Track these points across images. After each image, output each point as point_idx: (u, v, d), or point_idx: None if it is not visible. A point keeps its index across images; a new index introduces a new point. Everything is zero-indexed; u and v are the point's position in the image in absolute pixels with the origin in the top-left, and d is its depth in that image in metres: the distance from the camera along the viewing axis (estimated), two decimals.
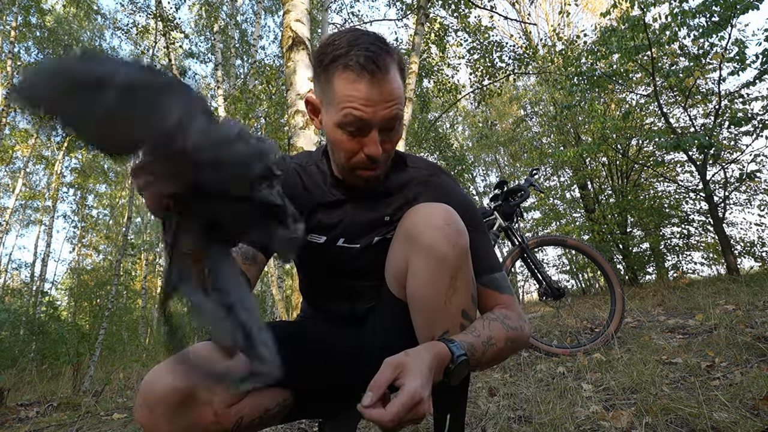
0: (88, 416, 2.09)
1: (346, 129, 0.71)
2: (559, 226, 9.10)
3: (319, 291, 0.93)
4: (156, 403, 0.63)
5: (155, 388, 0.64)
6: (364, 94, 0.68)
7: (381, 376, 0.56)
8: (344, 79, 0.69)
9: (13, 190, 12.57)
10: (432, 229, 0.70)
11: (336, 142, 0.74)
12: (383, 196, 0.85)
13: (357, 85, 0.68)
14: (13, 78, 8.01)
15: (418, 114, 9.90)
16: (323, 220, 0.85)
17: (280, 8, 4.57)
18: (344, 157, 0.75)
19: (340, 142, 0.73)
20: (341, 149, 0.74)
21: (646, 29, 4.67)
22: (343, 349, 0.90)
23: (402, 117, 0.75)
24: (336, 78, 0.70)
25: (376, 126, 0.71)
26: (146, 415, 0.64)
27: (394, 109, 0.71)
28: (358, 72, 0.68)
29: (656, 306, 3.44)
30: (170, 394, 0.63)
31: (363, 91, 0.68)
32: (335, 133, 0.73)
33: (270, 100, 6.17)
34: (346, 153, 0.74)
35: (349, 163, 0.75)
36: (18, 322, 9.71)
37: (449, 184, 0.88)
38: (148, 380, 0.65)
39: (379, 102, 0.69)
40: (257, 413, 0.74)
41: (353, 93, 0.69)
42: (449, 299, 0.70)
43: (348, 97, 0.69)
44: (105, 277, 14.43)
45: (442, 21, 7.11)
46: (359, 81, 0.68)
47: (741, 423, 0.97)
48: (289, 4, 2.64)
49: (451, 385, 0.65)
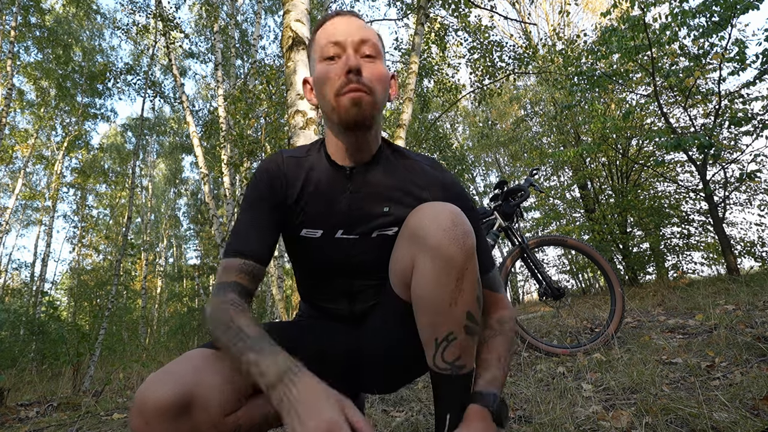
0: (88, 416, 2.09)
1: (326, 56, 0.78)
2: (559, 226, 9.10)
3: (318, 290, 0.92)
4: (152, 413, 0.61)
5: (150, 397, 0.62)
6: (335, 22, 0.81)
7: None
8: (321, 29, 0.82)
9: (13, 190, 12.58)
10: (439, 230, 0.69)
11: (321, 78, 0.78)
12: (380, 184, 0.84)
13: (329, 21, 0.82)
14: (13, 77, 8.01)
15: (419, 114, 9.90)
16: (320, 212, 0.84)
17: (280, 8, 4.56)
18: (329, 86, 0.77)
19: (324, 74, 0.78)
20: (326, 79, 0.77)
21: (646, 29, 4.67)
22: (342, 350, 0.89)
23: (380, 51, 0.82)
24: (317, 34, 0.83)
25: (350, 44, 0.78)
26: (142, 426, 0.62)
27: (364, 33, 0.79)
28: (330, 18, 0.82)
29: (656, 306, 3.44)
30: (166, 403, 0.62)
31: (334, 21, 0.81)
32: (319, 71, 0.79)
33: (270, 100, 6.17)
34: (329, 81, 0.77)
35: (334, 89, 0.76)
36: (18, 322, 9.72)
37: (449, 178, 0.88)
38: (143, 389, 0.63)
39: (350, 27, 0.79)
40: (256, 420, 0.72)
41: (327, 27, 0.81)
42: (455, 301, 0.70)
43: (324, 32, 0.81)
44: (105, 277, 14.45)
45: (443, 21, 7.11)
46: (330, 21, 0.82)
47: (741, 423, 0.97)
48: (289, 3, 2.64)
49: (504, 423, 0.73)
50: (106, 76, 10.15)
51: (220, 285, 0.77)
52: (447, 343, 0.72)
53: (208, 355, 0.73)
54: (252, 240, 0.81)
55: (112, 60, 12.54)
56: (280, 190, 0.84)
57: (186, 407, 0.64)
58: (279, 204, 0.84)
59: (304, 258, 0.89)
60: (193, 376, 0.66)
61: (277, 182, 0.84)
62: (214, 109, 8.29)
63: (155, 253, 18.27)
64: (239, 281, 0.77)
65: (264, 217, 0.83)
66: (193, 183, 18.47)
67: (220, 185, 10.13)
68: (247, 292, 0.78)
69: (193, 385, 0.65)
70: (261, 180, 0.85)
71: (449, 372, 0.72)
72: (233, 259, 0.79)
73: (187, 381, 0.65)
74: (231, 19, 8.69)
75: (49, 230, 13.80)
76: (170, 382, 0.64)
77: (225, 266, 0.79)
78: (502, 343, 0.81)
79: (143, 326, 13.50)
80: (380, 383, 0.92)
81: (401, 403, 1.65)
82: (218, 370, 0.70)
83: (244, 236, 0.81)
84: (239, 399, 0.71)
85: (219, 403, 0.67)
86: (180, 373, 0.66)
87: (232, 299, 0.74)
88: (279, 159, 0.87)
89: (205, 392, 0.66)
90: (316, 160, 0.87)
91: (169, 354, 9.25)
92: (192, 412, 0.65)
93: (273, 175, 0.85)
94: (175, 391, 0.63)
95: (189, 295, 16.47)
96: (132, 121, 15.48)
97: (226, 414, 0.68)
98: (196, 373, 0.67)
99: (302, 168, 0.86)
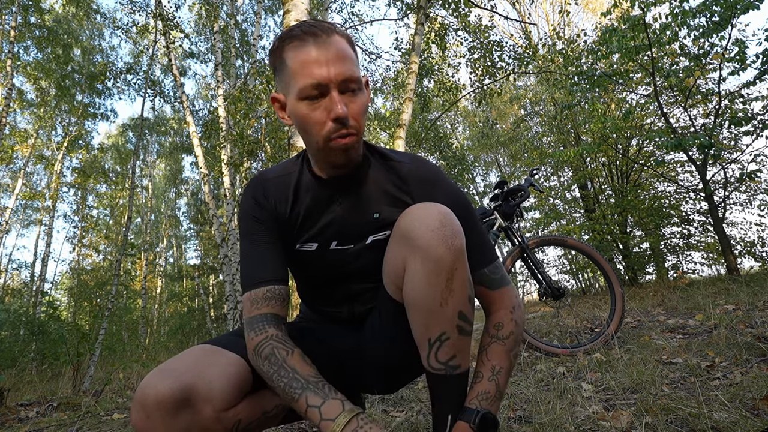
0: (88, 416, 2.09)
1: (307, 98, 0.71)
2: (559, 226, 9.10)
3: (318, 295, 0.93)
4: (152, 407, 0.63)
5: (151, 391, 0.63)
6: (313, 56, 0.70)
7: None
8: (292, 49, 0.72)
9: (13, 190, 12.58)
10: (428, 231, 0.69)
11: (303, 119, 0.73)
12: (367, 192, 0.83)
13: (304, 49, 0.71)
14: (13, 77, 8.01)
15: (419, 114, 9.90)
16: (312, 227, 0.84)
17: (280, 8, 4.56)
18: (314, 130, 0.73)
19: (307, 116, 0.72)
20: (309, 123, 0.72)
21: (646, 29, 4.67)
22: (342, 350, 0.90)
23: (361, 81, 0.75)
24: (286, 54, 0.73)
25: (334, 86, 0.71)
26: (143, 420, 0.63)
27: (347, 67, 0.72)
28: (302, 38, 0.72)
29: (656, 306, 3.44)
30: (167, 397, 0.63)
31: (311, 53, 0.71)
32: (300, 110, 0.73)
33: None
34: (315, 126, 0.72)
35: (322, 135, 0.72)
36: (18, 322, 9.73)
37: (437, 175, 0.86)
38: (144, 384, 0.64)
39: (329, 61, 0.70)
40: (255, 415, 0.73)
41: (302, 57, 0.71)
42: (445, 301, 0.70)
43: (299, 63, 0.71)
44: (105, 277, 14.44)
45: (443, 20, 7.11)
46: (305, 44, 0.71)
47: (741, 423, 0.97)
48: (289, 4, 2.64)
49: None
50: (105, 75, 10.15)
51: (252, 320, 0.75)
52: (440, 343, 0.72)
53: (209, 351, 0.74)
54: (266, 263, 0.80)
55: (111, 60, 12.55)
56: (270, 211, 0.83)
57: (186, 401, 0.65)
58: (273, 223, 0.83)
59: (302, 270, 0.90)
60: (193, 371, 0.68)
61: (266, 204, 0.83)
62: (214, 109, 8.29)
63: (155, 253, 18.25)
64: (271, 312, 0.76)
65: (266, 238, 0.82)
66: (193, 183, 18.46)
67: (220, 185, 10.14)
68: (281, 320, 0.77)
69: (194, 379, 0.66)
70: (249, 206, 0.83)
71: (444, 372, 0.73)
72: (256, 290, 0.77)
73: (187, 376, 0.66)
74: (231, 19, 8.69)
75: (49, 230, 13.80)
76: (171, 376, 0.65)
77: (251, 299, 0.77)
78: (497, 352, 0.79)
79: (143, 326, 13.50)
80: (381, 383, 0.92)
81: (401, 403, 1.65)
82: (219, 365, 0.71)
83: (258, 263, 0.80)
84: (239, 394, 0.72)
85: (219, 397, 0.68)
86: (181, 368, 0.67)
87: (274, 335, 0.74)
88: (261, 182, 0.85)
89: (205, 387, 0.67)
90: (301, 176, 0.85)
91: (169, 354, 9.25)
92: (192, 406, 0.65)
93: (259, 199, 0.83)
94: (176, 386, 0.64)
95: (189, 295, 16.48)
96: (132, 121, 15.48)
97: (227, 408, 0.69)
98: (197, 368, 0.68)
99: (288, 186, 0.84)
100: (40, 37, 10.19)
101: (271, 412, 0.76)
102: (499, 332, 0.81)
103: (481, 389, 0.76)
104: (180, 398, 0.64)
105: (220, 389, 0.68)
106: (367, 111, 0.77)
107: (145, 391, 0.63)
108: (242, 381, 0.73)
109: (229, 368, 0.71)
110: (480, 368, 0.79)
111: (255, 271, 0.78)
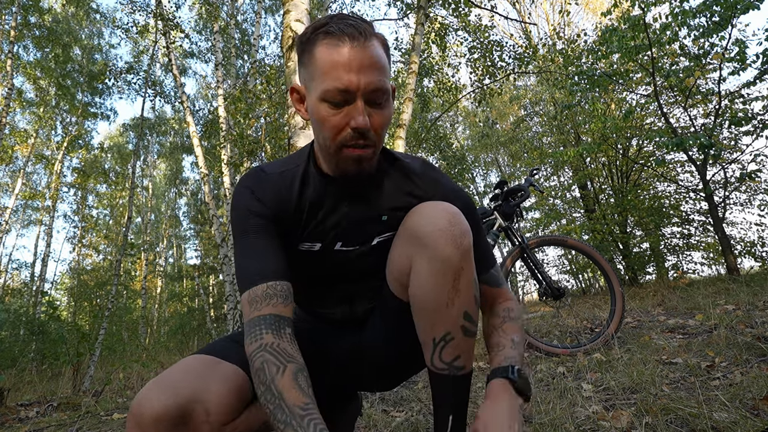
0: (88, 416, 2.09)
1: (330, 100, 0.67)
2: (559, 226, 9.10)
3: (314, 296, 0.89)
4: (148, 424, 0.60)
5: (147, 408, 0.60)
6: (345, 59, 0.66)
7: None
8: (325, 45, 0.67)
9: (13, 190, 12.58)
10: (436, 230, 0.69)
11: (321, 119, 0.69)
12: (376, 193, 0.81)
13: (338, 49, 0.66)
14: (13, 77, 8.01)
15: (419, 114, 9.89)
16: (317, 227, 0.80)
17: (280, 8, 4.57)
18: (330, 134, 0.69)
19: (325, 118, 0.68)
20: (327, 126, 0.68)
21: (646, 29, 4.67)
22: (341, 351, 0.89)
23: (389, 93, 0.71)
24: (317, 48, 0.68)
25: (361, 95, 0.67)
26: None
27: (378, 78, 0.67)
28: (339, 36, 0.66)
29: (656, 306, 3.43)
30: (163, 414, 0.60)
31: (344, 55, 0.66)
32: (319, 110, 0.68)
33: (270, 100, 6.16)
34: (331, 130, 0.68)
35: (336, 141, 0.69)
36: (18, 322, 9.73)
37: (444, 177, 0.85)
38: (140, 400, 0.61)
39: (362, 68, 0.66)
40: (255, 426, 0.71)
41: (334, 57, 0.66)
42: (451, 301, 0.69)
43: (329, 63, 0.66)
44: (105, 277, 14.44)
45: (443, 20, 7.11)
46: (340, 45, 0.66)
47: (741, 423, 0.97)
48: (289, 3, 2.64)
49: (528, 394, 0.72)
50: (105, 75, 10.15)
51: (250, 323, 0.68)
52: (444, 343, 0.71)
53: (207, 362, 0.70)
54: (265, 259, 0.73)
55: (111, 60, 12.55)
56: (270, 206, 0.76)
57: (184, 417, 0.62)
58: (273, 219, 0.76)
59: (303, 270, 0.84)
60: (191, 385, 0.64)
61: (265, 199, 0.76)
62: (214, 109, 8.29)
63: (155, 253, 18.23)
64: (272, 312, 0.69)
65: (265, 234, 0.75)
66: (193, 183, 18.46)
67: (220, 185, 10.13)
68: (284, 321, 0.69)
69: (191, 394, 0.63)
70: (246, 200, 0.76)
71: (447, 372, 0.72)
72: (255, 287, 0.70)
73: (186, 391, 0.63)
74: (231, 19, 8.69)
75: (49, 230, 13.80)
76: (167, 391, 0.62)
77: (249, 299, 0.70)
78: (513, 327, 0.81)
79: (143, 326, 13.48)
80: (379, 382, 0.92)
81: (401, 403, 1.65)
82: (218, 378, 0.68)
83: (256, 259, 0.72)
84: (239, 407, 0.69)
85: (218, 411, 0.65)
86: (177, 383, 0.64)
87: (269, 345, 0.66)
88: (260, 176, 0.79)
89: (203, 402, 0.64)
90: (307, 172, 0.80)
91: (169, 354, 9.25)
92: (190, 423, 0.63)
93: (258, 193, 0.77)
94: (173, 402, 0.61)
95: (189, 295, 16.47)
96: (132, 121, 15.49)
97: (225, 423, 0.66)
98: (195, 382, 0.65)
99: (291, 182, 0.79)
100: (39, 37, 10.19)
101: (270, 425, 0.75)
102: (510, 314, 0.83)
103: (507, 354, 0.76)
104: (177, 415, 0.61)
105: (219, 404, 0.65)
106: (389, 124, 0.73)
107: (141, 407, 0.60)
108: (242, 394, 0.69)
109: (227, 382, 0.68)
110: (499, 340, 0.80)
111: (254, 267, 0.72)
